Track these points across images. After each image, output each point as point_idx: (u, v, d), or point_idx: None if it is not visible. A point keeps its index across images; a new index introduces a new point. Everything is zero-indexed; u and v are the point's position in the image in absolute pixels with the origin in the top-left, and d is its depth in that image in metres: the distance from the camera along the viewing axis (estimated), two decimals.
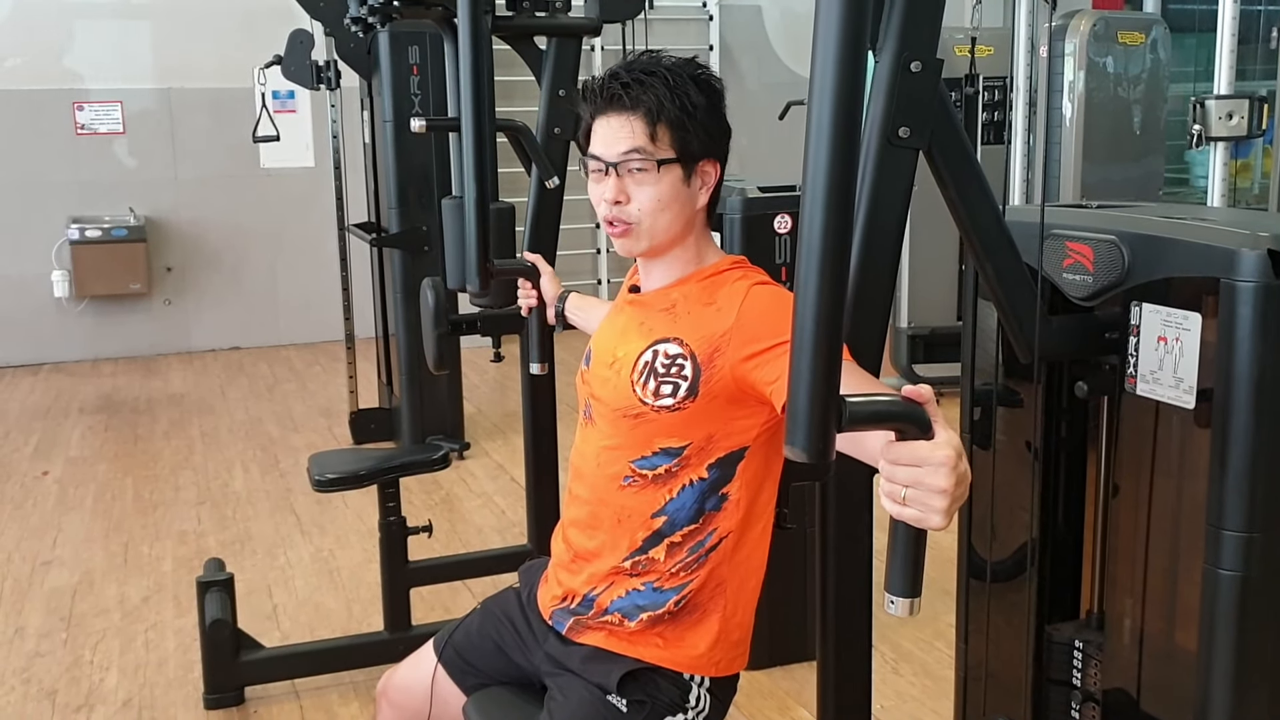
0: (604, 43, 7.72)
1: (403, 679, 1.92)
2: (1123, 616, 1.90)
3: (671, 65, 1.63)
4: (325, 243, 6.32)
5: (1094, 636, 1.97)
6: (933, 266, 5.80)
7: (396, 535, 3.06)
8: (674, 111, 1.60)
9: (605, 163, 1.63)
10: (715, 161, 1.66)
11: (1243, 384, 1.63)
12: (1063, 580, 2.05)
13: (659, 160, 1.60)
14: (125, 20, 7.22)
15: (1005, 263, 1.80)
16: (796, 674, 3.07)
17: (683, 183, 1.63)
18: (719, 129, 1.66)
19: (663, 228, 1.63)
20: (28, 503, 4.66)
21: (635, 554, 1.66)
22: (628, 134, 1.61)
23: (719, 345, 1.57)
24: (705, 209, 1.68)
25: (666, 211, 1.62)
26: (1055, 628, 2.02)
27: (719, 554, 1.64)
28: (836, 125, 1.04)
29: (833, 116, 1.05)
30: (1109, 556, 1.94)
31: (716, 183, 1.67)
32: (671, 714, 1.65)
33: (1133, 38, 5.42)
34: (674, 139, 1.61)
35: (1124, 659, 1.90)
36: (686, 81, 1.62)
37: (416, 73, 4.89)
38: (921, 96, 1.64)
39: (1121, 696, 1.92)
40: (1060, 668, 2.03)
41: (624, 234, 1.65)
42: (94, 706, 3.04)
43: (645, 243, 1.65)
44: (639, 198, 1.62)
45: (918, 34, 1.64)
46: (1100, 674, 1.95)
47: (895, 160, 1.67)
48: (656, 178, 1.61)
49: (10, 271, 7.14)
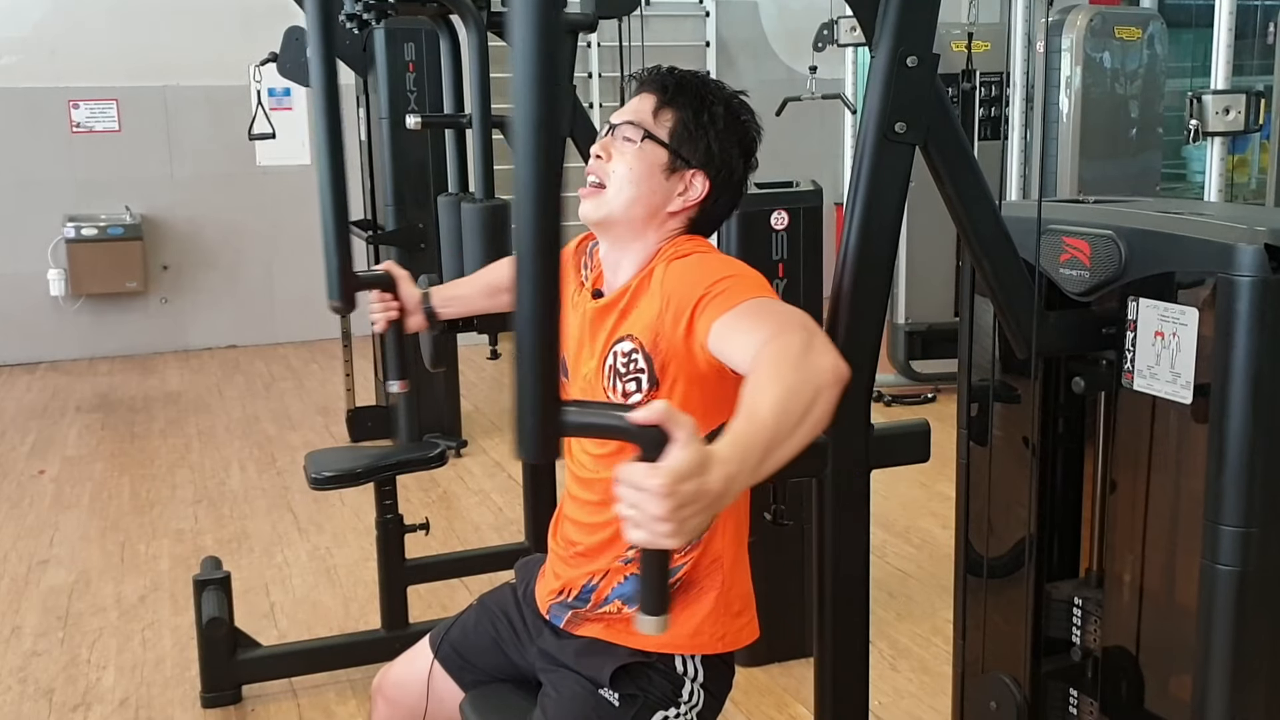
0: (600, 39, 7.72)
1: (398, 676, 1.92)
2: (1123, 620, 1.90)
3: (724, 88, 1.68)
4: (322, 240, 6.31)
5: (1094, 600, 1.96)
6: (930, 262, 5.80)
7: (393, 533, 3.05)
8: (689, 109, 1.63)
9: (611, 124, 1.67)
10: (708, 180, 1.65)
11: (1240, 379, 1.63)
12: (1060, 578, 2.05)
13: (647, 132, 1.62)
14: (120, 18, 7.20)
15: (1002, 258, 1.80)
16: (794, 671, 3.07)
17: (662, 171, 1.63)
18: (725, 156, 1.66)
19: (622, 203, 1.63)
20: (24, 501, 4.65)
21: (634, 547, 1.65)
22: (640, 107, 1.65)
23: (658, 329, 1.58)
24: (681, 218, 1.66)
25: (633, 187, 1.63)
26: (1056, 590, 2.02)
27: (715, 530, 1.64)
28: (537, 139, 1.04)
29: (533, 134, 1.05)
30: (1106, 553, 1.94)
31: (700, 199, 1.66)
32: (663, 708, 1.64)
33: (1129, 33, 5.42)
34: (674, 127, 1.63)
35: (1124, 661, 1.90)
36: (720, 102, 1.66)
37: (412, 70, 4.88)
38: (918, 91, 1.63)
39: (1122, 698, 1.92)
40: (1057, 702, 2.03)
41: (592, 193, 1.66)
42: (91, 705, 3.04)
43: (603, 211, 1.65)
44: (617, 162, 1.64)
45: (914, 29, 1.63)
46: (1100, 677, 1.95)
47: (891, 156, 1.67)
48: (638, 149, 1.63)
49: (6, 270, 7.13)
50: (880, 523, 3.93)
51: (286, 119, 7.11)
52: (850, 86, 6.09)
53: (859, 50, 5.95)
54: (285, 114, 7.13)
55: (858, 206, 1.69)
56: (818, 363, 1.30)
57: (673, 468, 1.07)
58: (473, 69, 2.70)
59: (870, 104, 1.67)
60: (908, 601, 3.54)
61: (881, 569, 3.75)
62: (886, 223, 1.69)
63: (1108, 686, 1.93)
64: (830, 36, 5.81)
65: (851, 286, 1.71)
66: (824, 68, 6.11)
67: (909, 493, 4.39)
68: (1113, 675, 1.93)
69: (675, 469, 1.06)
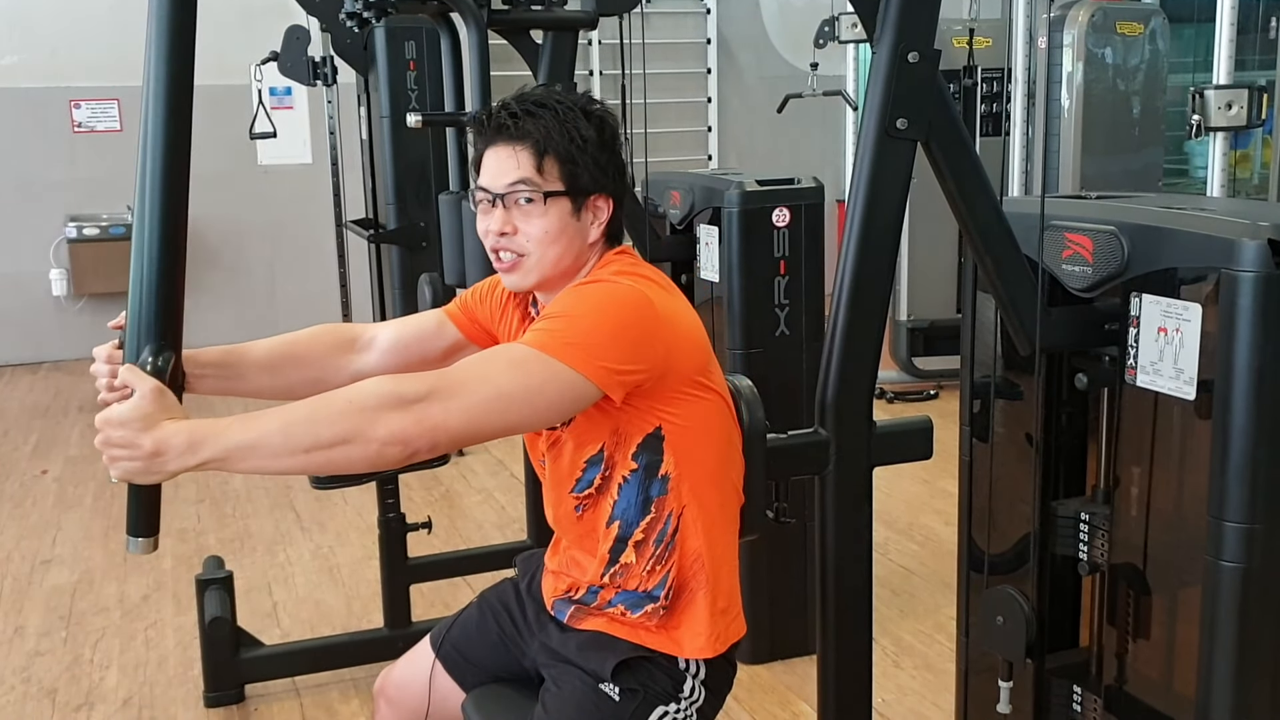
0: (600, 36, 7.72)
1: (400, 676, 1.91)
2: (1123, 616, 1.90)
3: (563, 99, 1.62)
4: (323, 239, 6.32)
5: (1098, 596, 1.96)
6: (932, 259, 5.80)
7: (396, 532, 3.05)
8: (562, 144, 1.58)
9: (492, 194, 1.60)
10: (607, 196, 1.63)
11: (1243, 375, 1.62)
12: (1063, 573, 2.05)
13: (546, 192, 1.58)
14: (121, 17, 7.19)
15: (1004, 255, 1.79)
16: (797, 668, 3.06)
17: (572, 216, 1.60)
18: (611, 164, 1.63)
19: (551, 261, 1.61)
20: (27, 501, 4.65)
21: (609, 566, 1.65)
22: (513, 165, 1.59)
23: None
24: (600, 241, 1.65)
25: (555, 244, 1.60)
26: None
27: (684, 532, 1.62)
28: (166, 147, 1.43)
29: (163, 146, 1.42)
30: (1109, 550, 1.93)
31: (610, 216, 1.64)
32: (664, 703, 1.64)
33: (1131, 28, 5.41)
34: (562, 172, 1.59)
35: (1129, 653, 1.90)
36: (577, 115, 1.60)
37: (413, 68, 4.88)
38: (919, 87, 1.63)
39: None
40: (1060, 707, 2.03)
41: (513, 267, 1.62)
42: (94, 705, 3.04)
43: (534, 276, 1.62)
44: (526, 230, 1.59)
45: (915, 25, 1.63)
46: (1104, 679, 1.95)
47: (893, 152, 1.67)
48: (544, 209, 1.58)
49: (8, 270, 7.13)
50: (883, 520, 3.93)
51: (287, 118, 7.12)
52: (852, 83, 6.09)
53: (860, 47, 5.94)
54: (286, 113, 7.14)
55: (859, 203, 1.68)
56: (382, 417, 1.35)
57: (109, 413, 1.38)
58: (473, 67, 2.70)
59: (872, 100, 1.67)
60: (911, 599, 3.54)
61: (884, 566, 3.75)
62: (888, 219, 1.69)
63: (1111, 684, 1.93)
64: (831, 33, 5.80)
65: (853, 283, 1.71)
66: (825, 64, 6.11)
67: (912, 489, 4.39)
68: (1117, 672, 1.92)
69: (109, 415, 1.38)
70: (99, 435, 1.38)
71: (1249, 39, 5.74)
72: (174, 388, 1.47)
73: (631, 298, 1.53)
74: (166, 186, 1.45)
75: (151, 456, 1.36)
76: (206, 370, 1.67)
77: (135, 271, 1.45)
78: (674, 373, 1.55)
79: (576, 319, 1.49)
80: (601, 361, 1.47)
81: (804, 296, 2.95)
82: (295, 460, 1.37)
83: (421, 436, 1.37)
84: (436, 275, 2.79)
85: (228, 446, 1.36)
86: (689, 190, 3.12)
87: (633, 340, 1.50)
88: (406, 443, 1.37)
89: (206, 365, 1.68)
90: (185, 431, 1.36)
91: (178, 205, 1.46)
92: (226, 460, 1.36)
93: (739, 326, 2.92)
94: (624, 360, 1.49)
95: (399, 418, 1.36)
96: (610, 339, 1.48)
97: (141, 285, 1.45)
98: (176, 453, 1.36)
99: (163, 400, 1.39)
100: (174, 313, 1.48)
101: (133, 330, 1.47)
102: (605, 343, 1.48)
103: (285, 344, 1.81)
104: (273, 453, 1.36)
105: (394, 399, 1.37)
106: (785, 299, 2.93)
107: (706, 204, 3.05)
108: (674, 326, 1.56)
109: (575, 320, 1.49)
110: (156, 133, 1.43)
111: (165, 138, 1.43)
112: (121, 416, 1.37)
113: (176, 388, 1.49)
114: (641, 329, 1.52)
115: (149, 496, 1.51)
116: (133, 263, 1.46)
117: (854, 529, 1.77)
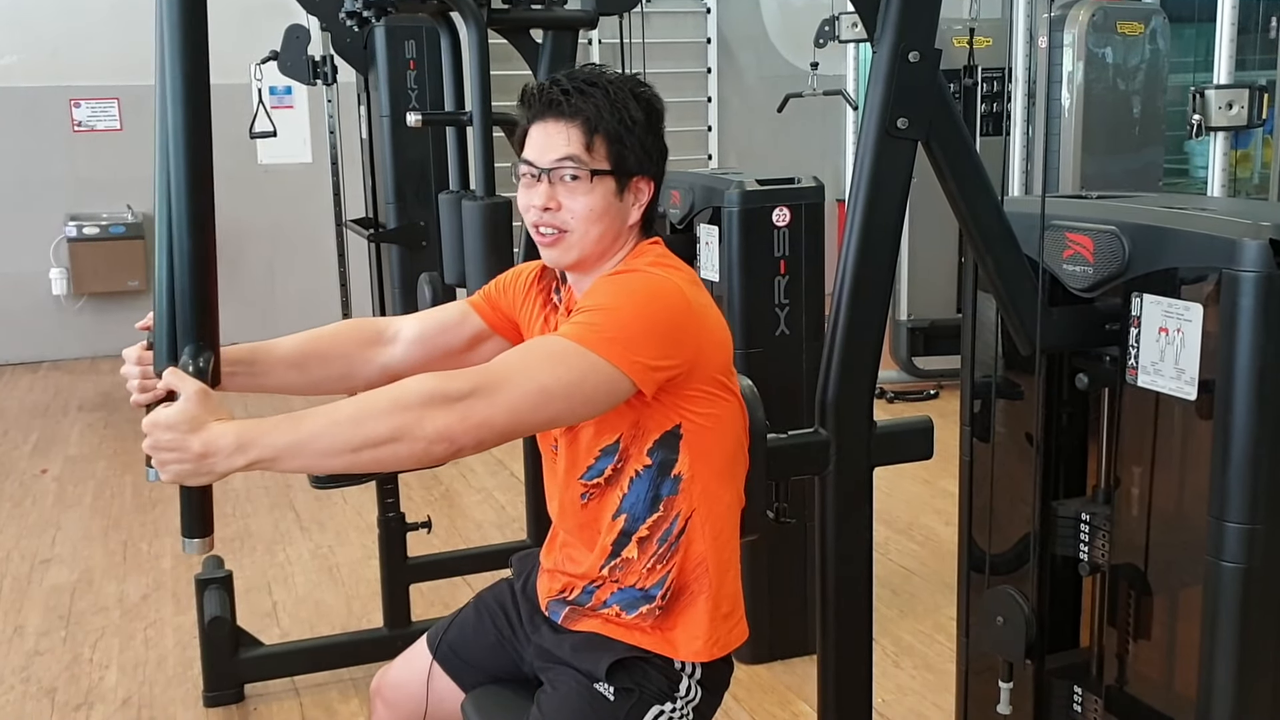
0: (600, 36, 7.71)
1: (397, 677, 1.91)
2: (1124, 617, 1.89)
3: (614, 79, 1.62)
4: (323, 239, 6.32)
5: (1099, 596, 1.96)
6: (932, 258, 5.80)
7: (396, 531, 3.05)
8: (612, 124, 1.58)
9: (538, 169, 1.60)
10: (650, 179, 1.64)
11: (1244, 375, 1.62)
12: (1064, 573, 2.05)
13: (593, 170, 1.58)
14: (121, 16, 7.19)
15: (1005, 254, 1.79)
16: (797, 668, 3.06)
17: (615, 196, 1.61)
18: (656, 148, 1.64)
19: (593, 239, 1.61)
20: (26, 500, 4.65)
21: (609, 559, 1.65)
22: (563, 141, 1.58)
23: None
24: (639, 225, 1.66)
25: (598, 223, 1.60)
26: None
27: (691, 535, 1.62)
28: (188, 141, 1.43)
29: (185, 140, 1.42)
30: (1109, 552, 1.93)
31: (650, 200, 1.65)
32: (659, 703, 1.64)
33: (1132, 28, 5.41)
34: (610, 151, 1.59)
35: (1129, 650, 1.90)
36: (628, 96, 1.60)
37: (413, 67, 4.88)
38: (920, 87, 1.63)
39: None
40: (1061, 708, 2.02)
41: (555, 242, 1.62)
42: (93, 705, 3.04)
43: (575, 253, 1.62)
44: (571, 206, 1.59)
45: (916, 24, 1.63)
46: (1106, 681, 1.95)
47: (894, 151, 1.66)
48: (589, 188, 1.59)
49: (8, 269, 7.12)
50: (883, 520, 3.92)
51: (287, 117, 7.11)
52: (852, 82, 6.08)
53: (861, 46, 5.94)
54: (286, 112, 7.13)
55: (860, 202, 1.68)
56: (428, 415, 1.35)
57: (155, 417, 1.36)
58: (473, 66, 2.70)
59: (872, 100, 1.66)
60: (911, 599, 3.54)
61: (884, 566, 3.75)
62: (889, 219, 1.69)
63: (1112, 685, 1.93)
64: (832, 32, 5.80)
65: (854, 283, 1.71)
66: (826, 64, 6.10)
67: (912, 489, 4.39)
68: (1118, 672, 1.92)
69: (156, 418, 1.35)
70: (147, 439, 1.36)
71: (1249, 39, 5.74)
72: (211, 387, 1.46)
73: (667, 290, 1.55)
74: (193, 186, 1.43)
75: (200, 458, 1.34)
76: (235, 368, 1.68)
77: (165, 272, 1.45)
78: (701, 369, 1.56)
79: (613, 311, 1.50)
80: (638, 356, 1.47)
81: (804, 296, 2.95)
82: (343, 459, 1.37)
83: (467, 434, 1.37)
84: (436, 274, 2.78)
85: (276, 446, 1.35)
86: (689, 190, 3.12)
87: (667, 334, 1.51)
88: (452, 440, 1.36)
89: (235, 363, 1.69)
90: (233, 432, 1.35)
91: (205, 204, 1.46)
92: (275, 460, 1.36)
93: (739, 326, 2.92)
94: (659, 355, 1.49)
95: (445, 415, 1.36)
96: (646, 333, 1.49)
97: (174, 286, 1.45)
98: (225, 453, 1.34)
99: (208, 402, 1.38)
100: (210, 312, 1.49)
101: (168, 331, 1.46)
102: (641, 337, 1.49)
103: (310, 340, 1.83)
104: (320, 452, 1.36)
105: (439, 396, 1.36)
106: (785, 299, 2.93)
107: (706, 203, 3.05)
108: (704, 321, 1.57)
109: (612, 313, 1.49)
110: (178, 132, 1.40)
111: (187, 136, 1.41)
112: (169, 420, 1.35)
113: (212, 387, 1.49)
114: (675, 323, 1.53)
115: (200, 498, 1.47)
116: (161, 264, 1.45)
117: (854, 529, 1.77)
